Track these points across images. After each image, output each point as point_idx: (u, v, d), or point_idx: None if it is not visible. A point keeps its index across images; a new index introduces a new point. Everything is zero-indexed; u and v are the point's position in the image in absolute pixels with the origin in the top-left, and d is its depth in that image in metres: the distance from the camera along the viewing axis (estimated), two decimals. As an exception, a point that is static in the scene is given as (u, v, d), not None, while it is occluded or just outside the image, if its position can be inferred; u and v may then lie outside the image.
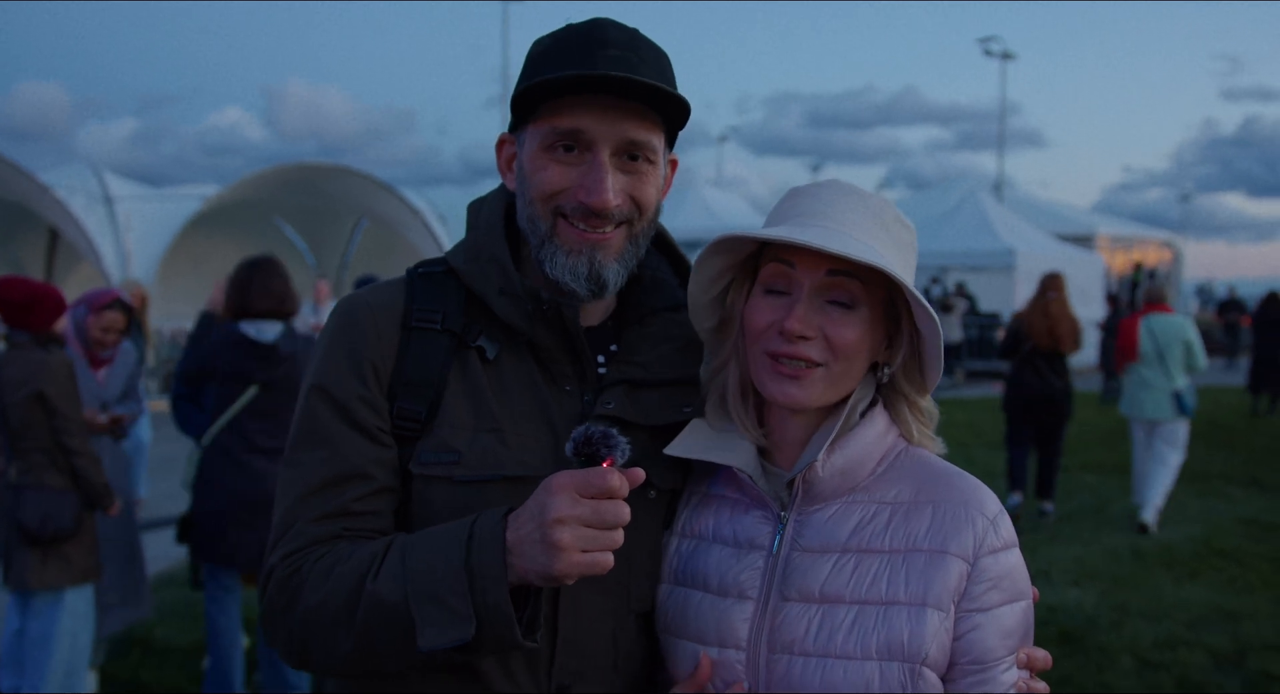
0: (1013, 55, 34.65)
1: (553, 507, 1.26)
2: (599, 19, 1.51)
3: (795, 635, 1.41)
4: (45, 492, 4.27)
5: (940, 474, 1.49)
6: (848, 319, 1.42)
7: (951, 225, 22.98)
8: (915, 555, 1.41)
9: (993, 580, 1.41)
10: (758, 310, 1.46)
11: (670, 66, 1.53)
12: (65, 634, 4.37)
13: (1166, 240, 32.88)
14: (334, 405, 1.49)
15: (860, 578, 1.42)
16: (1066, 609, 6.31)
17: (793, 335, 1.40)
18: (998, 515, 1.44)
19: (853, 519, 1.46)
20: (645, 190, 1.51)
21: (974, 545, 1.41)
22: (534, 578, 1.30)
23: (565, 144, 1.47)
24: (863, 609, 1.40)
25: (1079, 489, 10.09)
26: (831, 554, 1.44)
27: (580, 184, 1.47)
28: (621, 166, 1.48)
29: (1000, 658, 1.41)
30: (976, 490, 1.47)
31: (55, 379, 4.26)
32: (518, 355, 1.55)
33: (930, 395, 1.55)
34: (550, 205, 1.49)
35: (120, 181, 16.49)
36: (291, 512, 1.47)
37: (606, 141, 1.46)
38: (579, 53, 1.45)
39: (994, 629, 1.40)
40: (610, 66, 1.43)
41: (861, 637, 1.39)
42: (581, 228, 1.48)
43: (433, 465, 1.48)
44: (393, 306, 1.55)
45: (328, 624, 1.38)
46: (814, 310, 1.42)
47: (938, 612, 1.38)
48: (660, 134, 1.52)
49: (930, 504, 1.45)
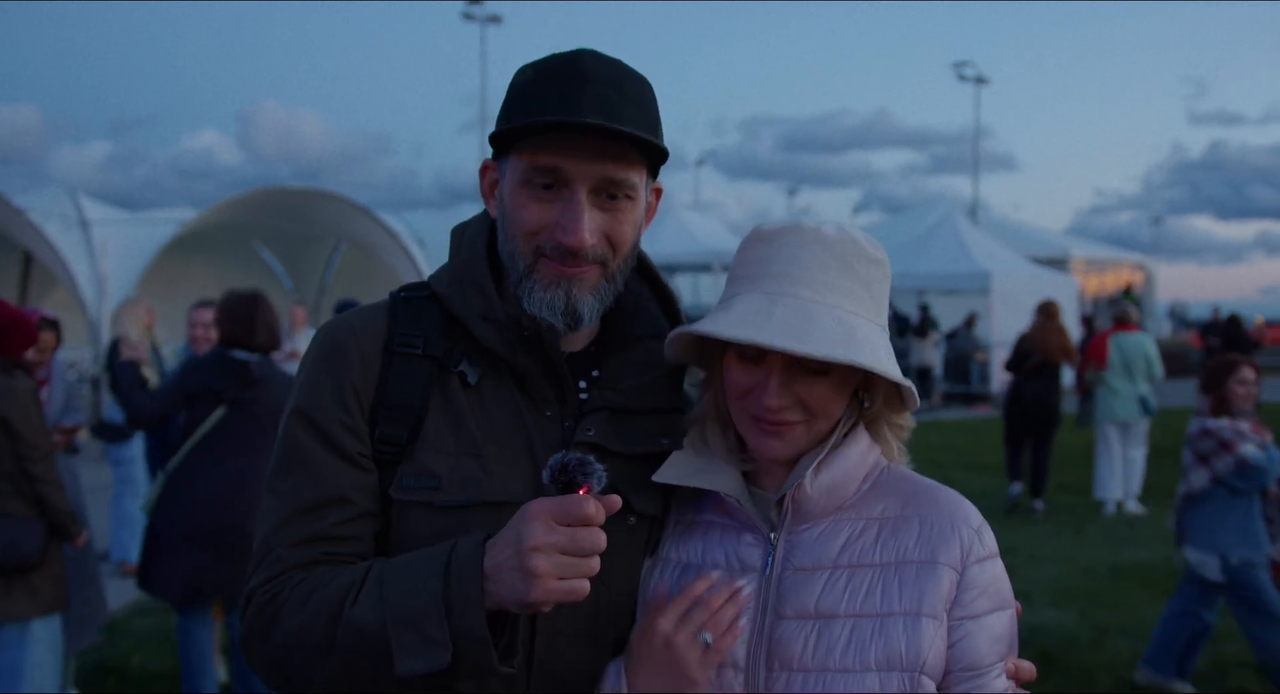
0: (986, 80, 35.13)
1: (529, 534, 1.27)
2: (582, 51, 1.50)
3: (793, 652, 1.43)
4: (9, 520, 4.18)
5: (924, 489, 1.53)
6: (821, 382, 1.45)
7: (927, 249, 23.15)
8: (906, 567, 1.44)
9: (980, 588, 1.45)
10: (734, 377, 1.48)
11: (653, 100, 1.53)
12: (34, 666, 4.29)
13: (1139, 263, 33.29)
14: (315, 430, 1.49)
15: (854, 592, 1.44)
16: (1046, 629, 6.33)
17: (769, 411, 1.44)
18: (980, 526, 1.49)
19: (842, 536, 1.49)
20: (621, 229, 1.51)
21: (961, 555, 1.45)
22: (510, 605, 1.30)
23: (544, 182, 1.47)
24: (858, 622, 1.42)
25: (1056, 511, 10.15)
26: (824, 571, 1.46)
27: (557, 223, 1.47)
28: (599, 204, 1.49)
29: (991, 664, 1.44)
30: (959, 503, 1.51)
31: (18, 405, 4.20)
32: (499, 381, 1.55)
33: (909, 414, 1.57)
34: (531, 244, 1.50)
35: (96, 205, 16.38)
36: (271, 536, 1.47)
37: (585, 181, 1.46)
38: (561, 90, 1.45)
39: (984, 636, 1.44)
40: (592, 106, 1.43)
41: (859, 649, 1.41)
42: (558, 264, 1.49)
43: (413, 490, 1.48)
44: (375, 331, 1.56)
45: (307, 649, 1.38)
46: (788, 385, 1.44)
47: (932, 620, 1.41)
48: (641, 170, 1.52)
49: (917, 518, 1.48)
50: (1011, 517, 9.83)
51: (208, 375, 4.66)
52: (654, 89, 1.55)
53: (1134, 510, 10.08)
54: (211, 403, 4.61)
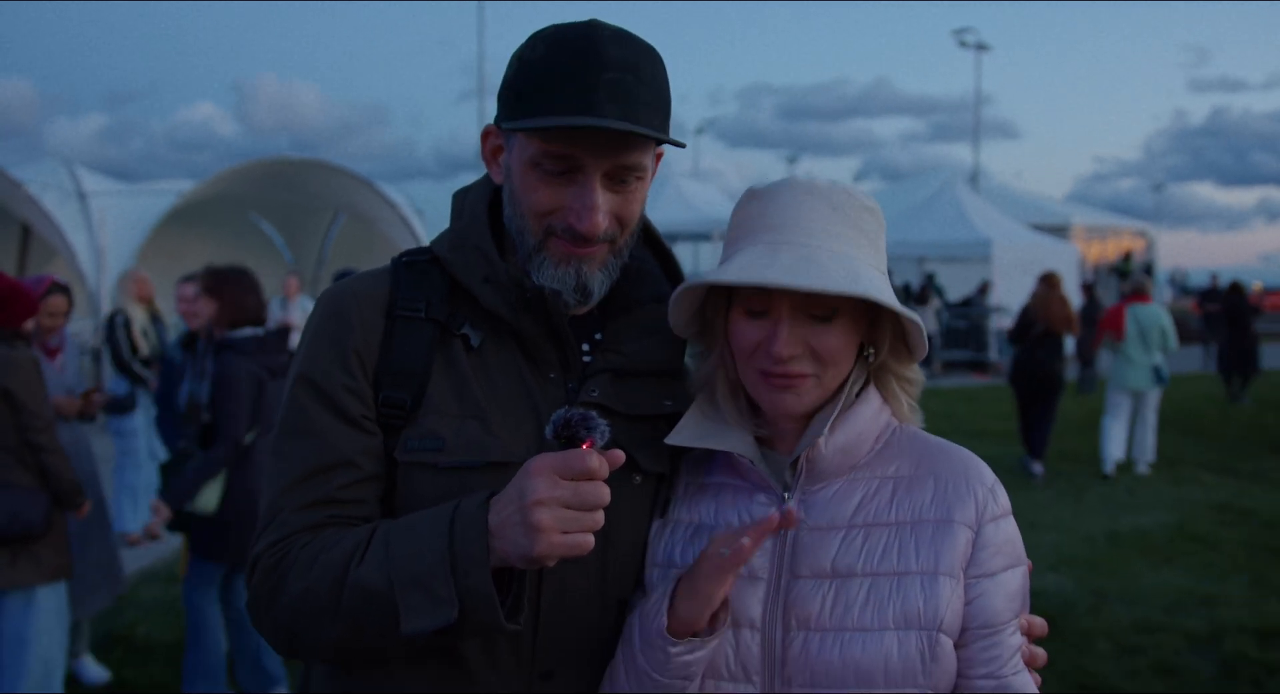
0: (987, 47, 34.83)
1: (532, 489, 1.27)
2: (595, 31, 1.45)
3: (811, 611, 1.43)
4: (12, 490, 4.20)
5: (936, 448, 1.53)
6: (830, 330, 1.45)
7: (927, 216, 23.07)
8: (923, 526, 1.45)
9: (996, 546, 1.46)
10: (741, 334, 1.48)
11: (665, 77, 1.51)
12: (40, 633, 4.33)
13: (1140, 230, 33.20)
14: (319, 395, 1.50)
15: (871, 551, 1.45)
16: (1045, 594, 6.37)
17: (779, 360, 1.43)
18: (994, 484, 1.49)
19: (856, 495, 1.49)
20: (630, 208, 1.53)
21: (977, 514, 1.45)
22: (516, 560, 1.31)
23: (557, 169, 1.47)
24: (876, 581, 1.43)
25: (1055, 477, 10.19)
26: (839, 530, 1.47)
27: (570, 207, 1.47)
28: (611, 187, 1.49)
29: (1007, 621, 1.45)
30: (973, 461, 1.52)
31: (20, 375, 4.20)
32: (502, 343, 1.56)
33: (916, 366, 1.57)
34: (542, 224, 1.50)
35: (93, 177, 16.28)
36: (278, 501, 1.48)
37: (599, 168, 1.46)
38: (578, 81, 1.41)
39: (1000, 593, 1.45)
40: (609, 99, 1.41)
41: (878, 608, 1.41)
42: (569, 244, 1.50)
43: (417, 452, 1.49)
44: (377, 295, 1.56)
45: (314, 611, 1.39)
46: (796, 331, 1.44)
47: (950, 579, 1.42)
48: (652, 151, 1.53)
49: (931, 476, 1.49)
50: (1019, 479, 10.00)
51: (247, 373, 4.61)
52: (664, 63, 1.52)
53: (1143, 472, 10.48)
54: (247, 389, 4.58)
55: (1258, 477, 10.32)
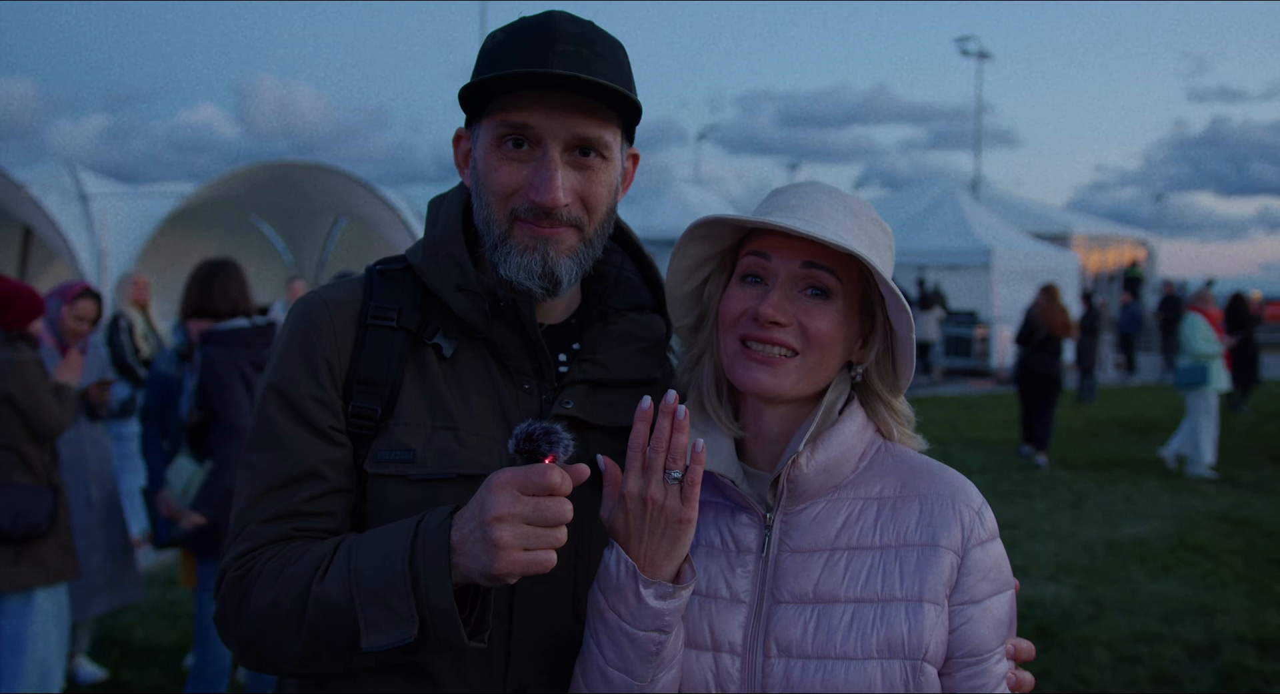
0: (989, 55, 34.87)
1: (492, 505, 1.25)
2: (553, 12, 1.49)
3: (792, 637, 1.40)
4: (17, 489, 4.21)
5: (923, 468, 1.49)
6: (823, 309, 1.42)
7: (928, 224, 23.07)
8: (907, 550, 1.41)
9: (982, 572, 1.41)
10: (733, 298, 1.46)
11: (626, 60, 1.51)
12: (38, 635, 4.32)
13: (1141, 239, 33.17)
14: (287, 405, 1.48)
15: (854, 576, 1.41)
16: (1044, 603, 6.37)
17: (766, 320, 1.40)
18: (981, 507, 1.45)
19: (840, 516, 1.45)
20: (595, 189, 1.49)
21: (963, 538, 1.41)
22: (478, 577, 1.28)
23: (515, 138, 1.45)
24: (859, 607, 1.39)
25: (1054, 485, 10.18)
26: (821, 553, 1.43)
27: (530, 183, 1.45)
28: (573, 162, 1.47)
29: (993, 649, 1.41)
30: (960, 483, 1.47)
31: (19, 378, 4.21)
32: (475, 353, 1.54)
33: (904, 397, 1.54)
34: (506, 207, 1.48)
35: (95, 179, 16.27)
36: (245, 512, 1.46)
37: (557, 138, 1.45)
38: (531, 48, 1.43)
39: (986, 620, 1.41)
40: (563, 63, 1.41)
41: (860, 636, 1.37)
42: (533, 225, 1.47)
43: (388, 464, 1.47)
44: (349, 304, 1.54)
45: (277, 625, 1.37)
46: (789, 298, 1.42)
47: (934, 606, 1.38)
48: (615, 129, 1.50)
49: (917, 497, 1.44)
50: (1022, 472, 10.87)
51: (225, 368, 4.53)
52: (626, 53, 1.53)
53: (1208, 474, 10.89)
54: (238, 379, 4.55)
55: (1257, 486, 10.31)
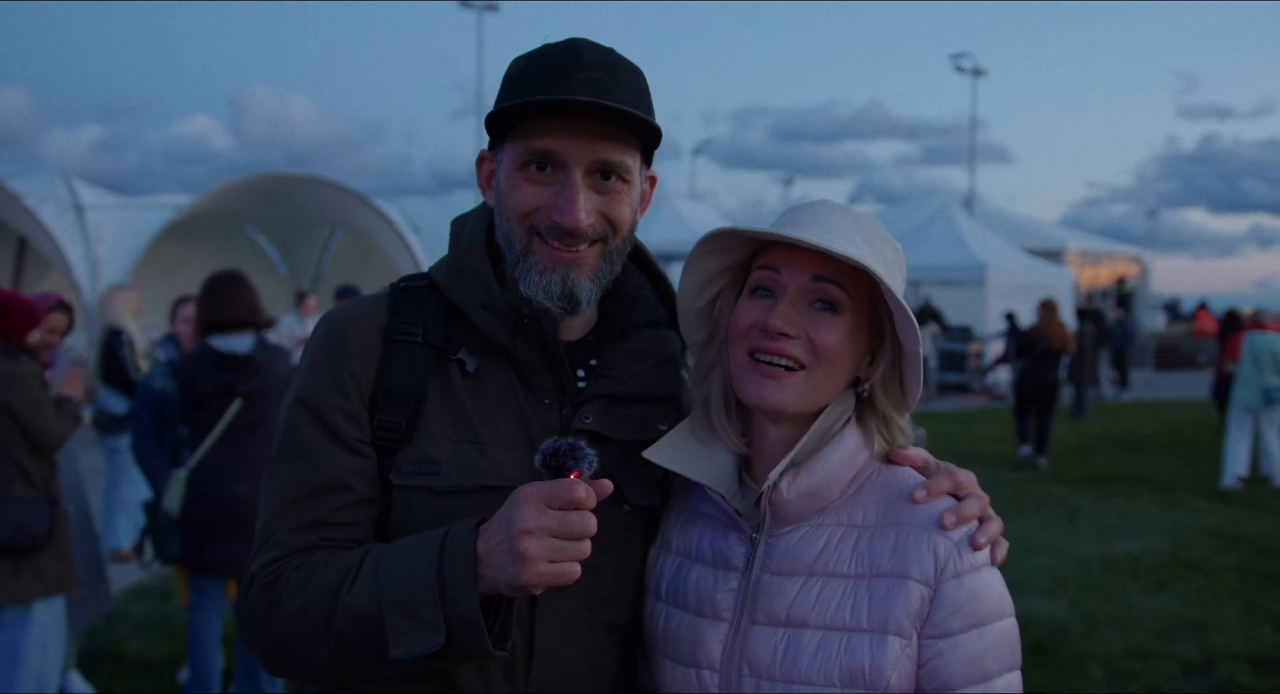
0: (984, 71, 35.08)
1: (519, 518, 1.28)
2: (575, 40, 1.52)
3: (762, 659, 1.41)
4: (16, 502, 4.20)
5: (907, 495, 1.45)
6: (831, 323, 1.43)
7: (923, 239, 23.11)
8: (878, 581, 1.39)
9: (955, 605, 1.36)
10: (743, 310, 1.47)
11: (646, 86, 1.55)
12: (34, 647, 4.31)
13: (1134, 255, 33.32)
14: (314, 418, 1.51)
15: (825, 602, 1.40)
16: (1038, 619, 6.37)
17: (774, 332, 1.41)
18: (963, 539, 1.40)
19: (820, 542, 1.44)
20: (618, 209, 1.52)
21: (935, 570, 1.37)
22: (503, 588, 1.31)
23: (539, 163, 1.48)
24: (827, 635, 1.39)
25: (1048, 500, 10.20)
26: (798, 577, 1.43)
27: (554, 204, 1.48)
28: (595, 186, 1.50)
29: (965, 687, 1.37)
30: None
31: (19, 390, 4.21)
32: (498, 368, 1.57)
33: (909, 414, 1.54)
34: (525, 224, 1.51)
35: (91, 190, 16.30)
36: (272, 522, 1.49)
37: (579, 162, 1.48)
38: (555, 75, 1.46)
39: (957, 656, 1.36)
40: (585, 90, 1.44)
41: (824, 663, 1.37)
42: (555, 246, 1.50)
43: (412, 476, 1.50)
44: (375, 319, 1.57)
45: (305, 633, 1.40)
46: (798, 311, 1.43)
47: (899, 639, 1.36)
48: (635, 153, 1.53)
49: (894, 527, 1.42)
50: (1020, 472, 11.59)
51: (190, 379, 4.62)
52: (646, 79, 1.56)
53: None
54: (215, 400, 4.59)
55: (1251, 503, 10.33)
